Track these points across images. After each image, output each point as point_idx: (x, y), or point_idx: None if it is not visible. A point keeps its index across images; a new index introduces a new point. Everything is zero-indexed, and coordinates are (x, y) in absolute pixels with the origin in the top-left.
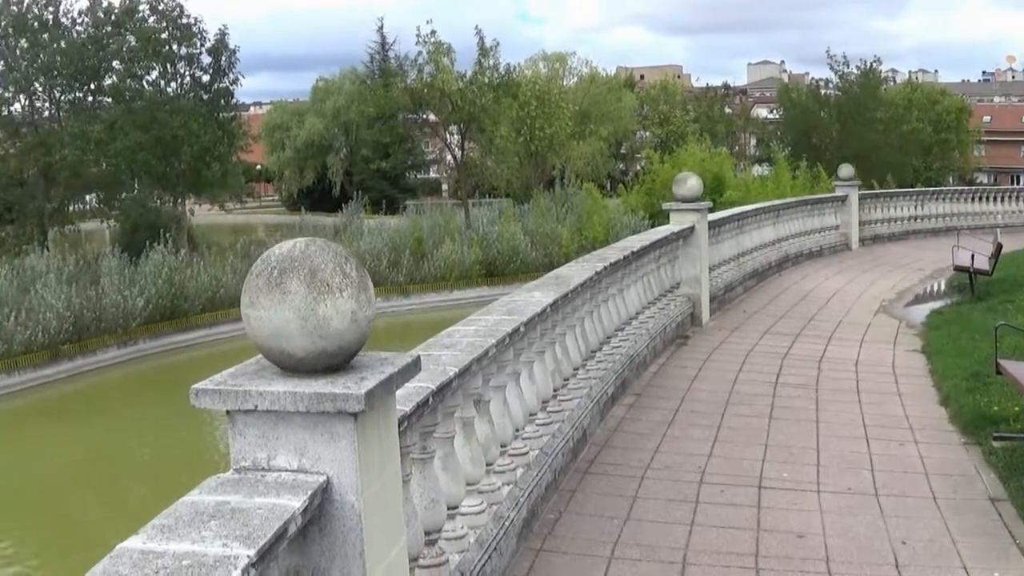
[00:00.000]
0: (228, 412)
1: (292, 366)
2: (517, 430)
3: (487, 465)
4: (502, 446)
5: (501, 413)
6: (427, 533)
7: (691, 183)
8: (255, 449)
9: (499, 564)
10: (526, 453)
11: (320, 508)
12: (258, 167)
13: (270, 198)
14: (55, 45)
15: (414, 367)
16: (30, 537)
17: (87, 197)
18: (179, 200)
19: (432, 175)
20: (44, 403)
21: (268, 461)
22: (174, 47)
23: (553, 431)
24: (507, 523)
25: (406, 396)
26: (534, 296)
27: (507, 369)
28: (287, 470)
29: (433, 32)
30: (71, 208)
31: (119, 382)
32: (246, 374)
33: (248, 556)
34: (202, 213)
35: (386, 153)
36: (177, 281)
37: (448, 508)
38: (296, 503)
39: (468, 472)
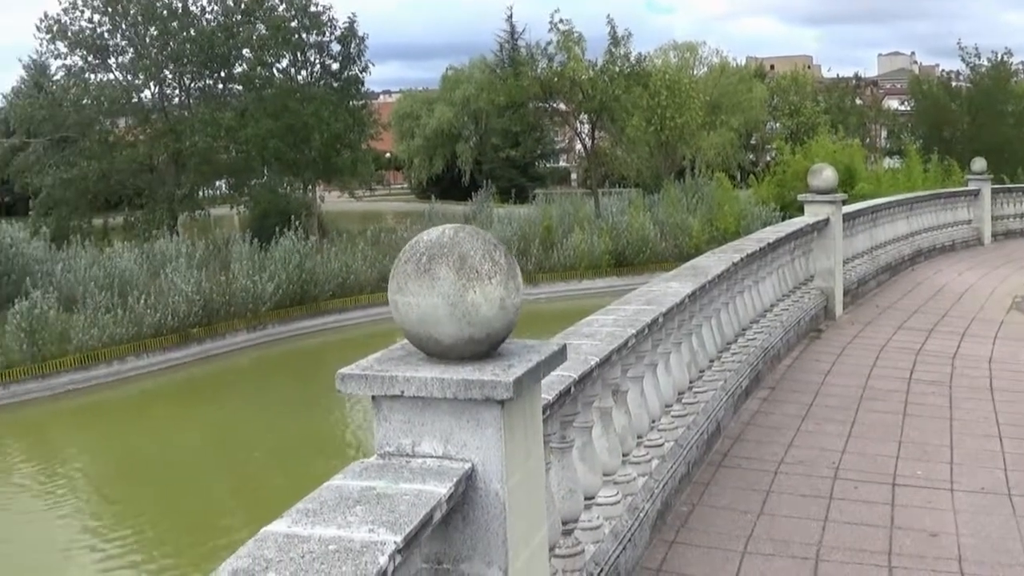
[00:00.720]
0: (373, 398)
1: (439, 352)
2: (653, 421)
3: (623, 456)
4: (638, 437)
5: (638, 404)
6: (564, 523)
7: (826, 174)
8: (400, 435)
9: (632, 555)
10: (661, 445)
11: (464, 496)
12: (387, 155)
13: (399, 186)
14: (184, 33)
15: (560, 356)
16: (164, 518)
17: (217, 183)
18: (309, 187)
19: (561, 164)
20: (173, 385)
21: (413, 447)
22: (303, 35)
23: (688, 423)
24: (641, 514)
25: (548, 385)
26: (671, 286)
27: (645, 359)
28: (432, 456)
29: (563, 20)
30: (201, 194)
31: (248, 366)
32: (392, 360)
33: (395, 542)
34: (331, 200)
35: (515, 142)
36: (307, 267)
37: (585, 498)
38: (442, 490)
39: (605, 462)
